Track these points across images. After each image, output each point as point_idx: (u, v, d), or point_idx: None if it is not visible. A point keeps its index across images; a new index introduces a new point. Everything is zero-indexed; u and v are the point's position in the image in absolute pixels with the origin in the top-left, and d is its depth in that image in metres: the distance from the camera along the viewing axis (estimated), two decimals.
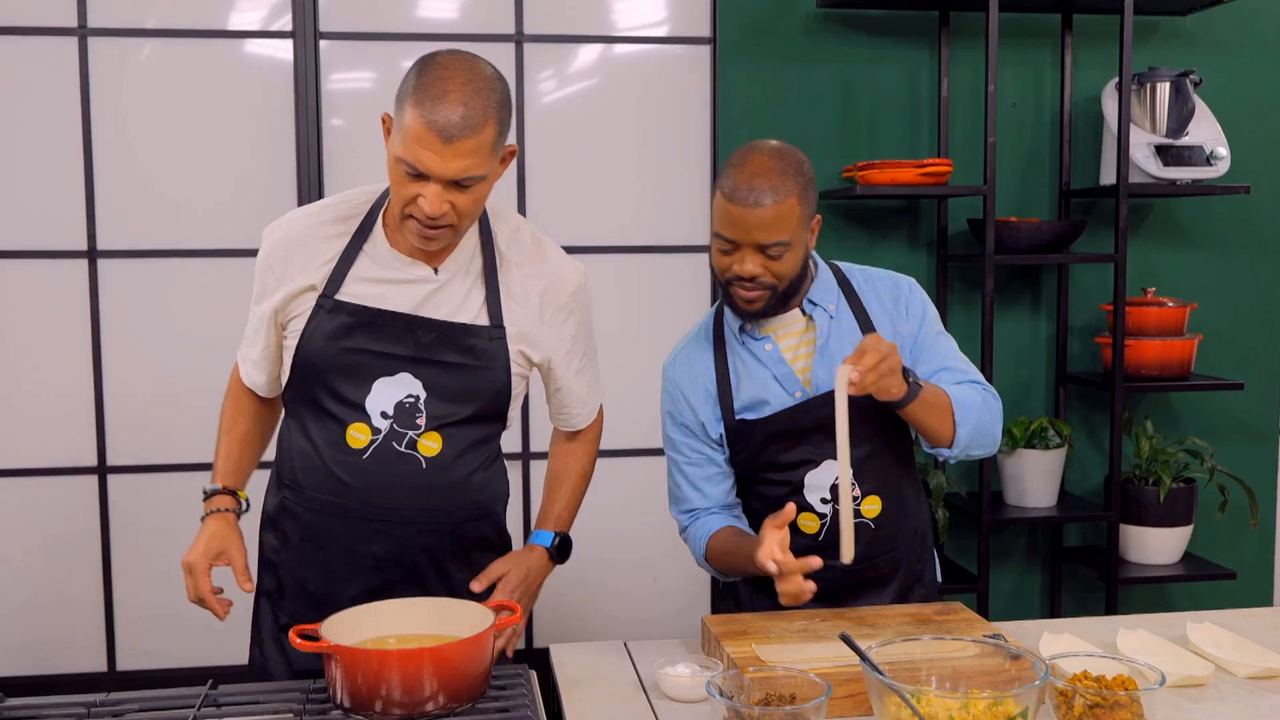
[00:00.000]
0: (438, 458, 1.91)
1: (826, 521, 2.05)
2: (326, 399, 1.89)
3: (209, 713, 1.64)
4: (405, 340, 1.88)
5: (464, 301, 1.92)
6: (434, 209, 1.77)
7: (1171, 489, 3.57)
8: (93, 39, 3.16)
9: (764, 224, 1.90)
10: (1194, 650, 1.91)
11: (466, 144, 1.73)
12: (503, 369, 1.93)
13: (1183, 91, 3.54)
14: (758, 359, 2.07)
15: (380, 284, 1.89)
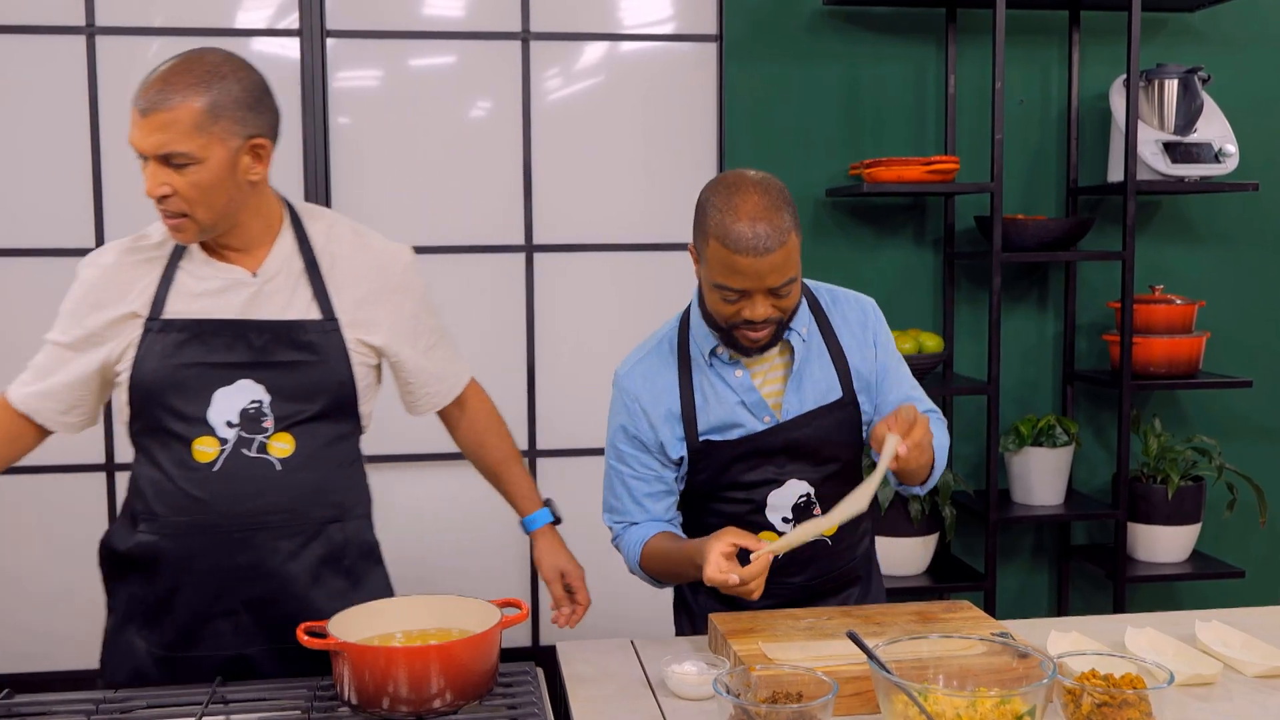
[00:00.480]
0: (292, 458, 1.89)
1: None
2: (167, 419, 1.87)
3: (217, 710, 1.64)
4: (238, 346, 1.87)
5: (290, 300, 1.91)
6: (150, 187, 1.79)
7: (1179, 487, 3.56)
8: (100, 37, 3.16)
9: (775, 268, 1.85)
10: (1202, 649, 1.91)
11: (159, 117, 1.76)
12: (342, 361, 1.92)
13: (1191, 88, 3.53)
14: (727, 384, 2.04)
15: (202, 297, 1.89)
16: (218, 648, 1.91)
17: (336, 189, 3.26)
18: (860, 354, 2.08)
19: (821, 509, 2.05)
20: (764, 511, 2.06)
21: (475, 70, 3.30)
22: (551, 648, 2.07)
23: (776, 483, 2.05)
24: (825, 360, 2.06)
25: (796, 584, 2.12)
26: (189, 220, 1.83)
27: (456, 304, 3.31)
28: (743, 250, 1.83)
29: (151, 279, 1.90)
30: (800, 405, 2.03)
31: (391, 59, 3.28)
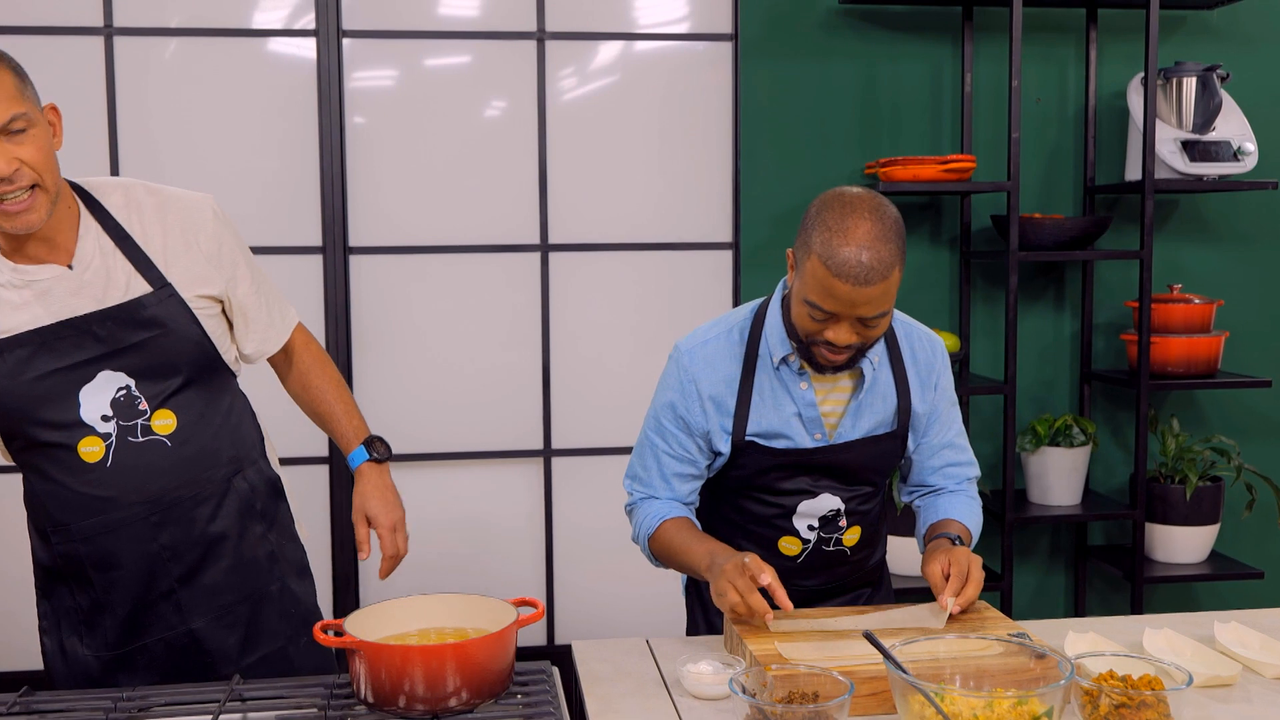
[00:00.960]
0: (178, 431, 1.88)
1: (809, 547, 2.08)
2: (43, 433, 1.83)
3: (234, 707, 1.65)
4: (86, 342, 1.82)
5: (114, 279, 1.86)
6: (2, 167, 1.69)
7: (1197, 487, 3.54)
8: (118, 38, 3.18)
9: (870, 300, 1.81)
10: (1221, 650, 1.90)
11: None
12: (190, 323, 1.89)
13: (1209, 86, 3.51)
14: (789, 393, 2.01)
15: (28, 305, 1.82)
16: (164, 629, 1.92)
17: (352, 188, 3.27)
18: (921, 394, 2.07)
19: (847, 522, 2.07)
20: (791, 518, 2.07)
21: (490, 70, 3.30)
22: (567, 647, 2.07)
23: (810, 494, 2.05)
24: (889, 392, 2.04)
25: (810, 587, 2.13)
26: (40, 192, 1.76)
27: (472, 303, 3.32)
28: (843, 276, 1.78)
29: None
30: (853, 431, 2.03)
31: (407, 59, 3.29)
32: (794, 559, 2.10)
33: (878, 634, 1.65)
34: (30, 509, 1.94)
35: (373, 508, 2.04)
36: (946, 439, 2.14)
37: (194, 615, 1.93)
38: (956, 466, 2.17)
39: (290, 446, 3.35)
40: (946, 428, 2.14)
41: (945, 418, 2.13)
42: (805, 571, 2.11)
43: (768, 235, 3.61)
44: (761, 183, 3.61)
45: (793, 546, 2.09)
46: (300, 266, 3.28)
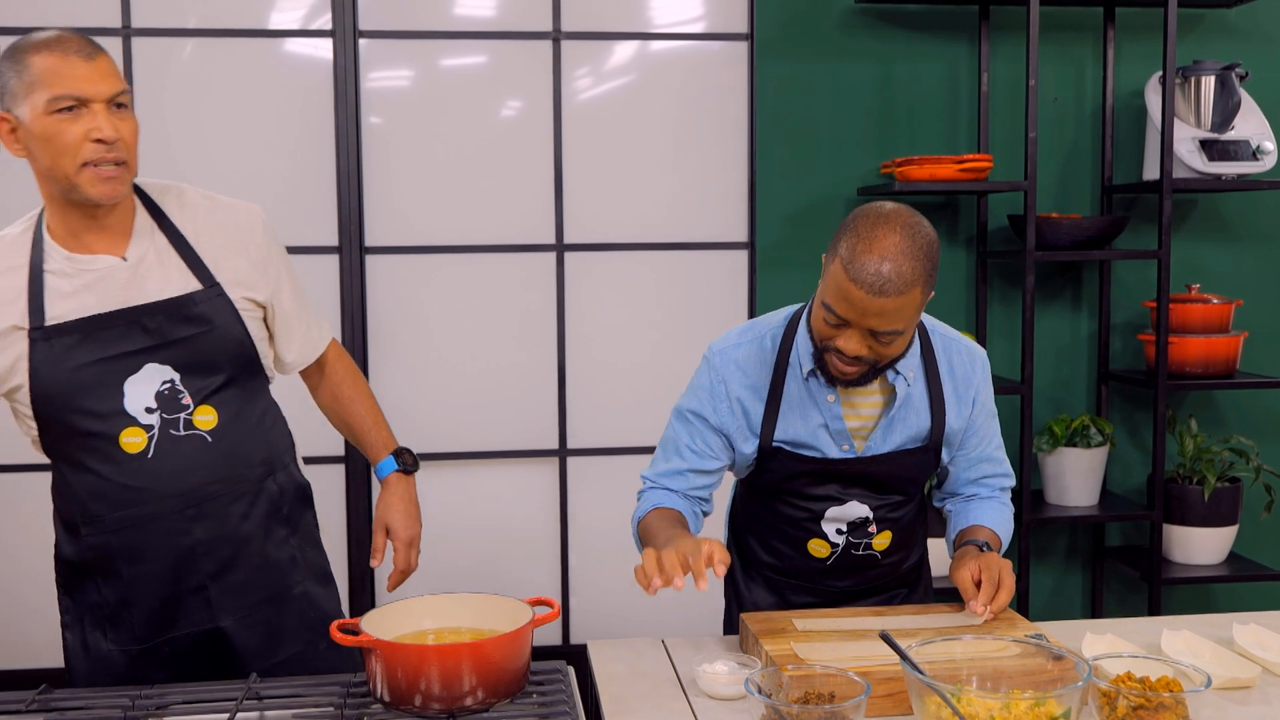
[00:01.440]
0: (218, 428, 1.91)
1: (838, 550, 2.08)
2: (84, 421, 1.85)
3: (251, 705, 1.65)
4: (134, 333, 1.85)
5: (167, 276, 1.90)
6: (109, 130, 1.77)
7: (1216, 488, 3.53)
8: (136, 39, 3.19)
9: (884, 313, 1.78)
10: (1240, 652, 1.89)
11: (105, 61, 1.81)
12: (236, 323, 1.93)
13: (1228, 85, 3.49)
14: (816, 405, 2.00)
15: (79, 293, 1.85)
16: (191, 625, 1.93)
17: (368, 189, 3.27)
18: (957, 410, 2.05)
19: (877, 528, 2.07)
20: (820, 521, 2.06)
21: (506, 70, 3.31)
22: (582, 646, 2.07)
23: (839, 501, 2.05)
24: (923, 407, 2.02)
25: (841, 589, 2.13)
26: (125, 170, 1.83)
27: (487, 303, 3.32)
28: (859, 283, 1.77)
29: (17, 288, 1.85)
30: (884, 445, 2.02)
31: (423, 59, 3.29)
32: (823, 561, 2.09)
33: (894, 635, 1.64)
34: (60, 501, 1.95)
35: (394, 520, 2.08)
36: (985, 452, 2.13)
37: (223, 613, 1.94)
38: (992, 478, 2.17)
39: (307, 446, 3.36)
40: (985, 441, 2.12)
41: (984, 431, 2.11)
42: (835, 574, 2.11)
43: (784, 235, 3.61)
44: (777, 182, 3.60)
45: (822, 549, 2.08)
46: (317, 266, 3.29)
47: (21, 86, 1.78)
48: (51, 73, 1.76)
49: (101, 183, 1.80)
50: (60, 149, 1.78)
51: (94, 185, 1.80)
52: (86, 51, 1.79)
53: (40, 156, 1.80)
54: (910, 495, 2.11)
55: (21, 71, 1.78)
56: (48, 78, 1.76)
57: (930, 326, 2.07)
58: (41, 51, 1.78)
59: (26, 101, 1.78)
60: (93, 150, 1.78)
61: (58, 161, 1.79)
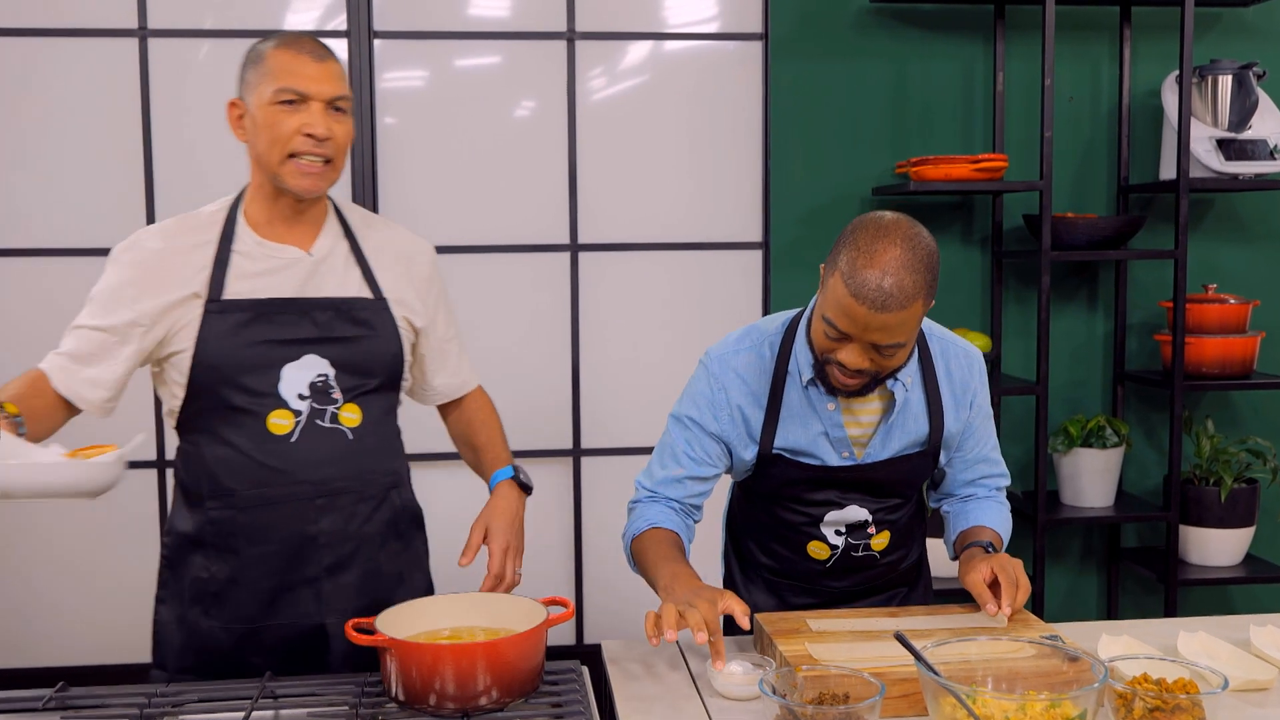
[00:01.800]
0: (360, 428, 1.98)
1: (837, 553, 2.08)
2: (237, 396, 1.92)
3: (267, 704, 1.66)
4: (302, 323, 1.94)
5: (344, 279, 2.00)
6: (321, 128, 1.88)
7: (1233, 489, 3.51)
8: (152, 40, 3.20)
9: (886, 327, 1.77)
10: (1257, 654, 1.88)
11: (335, 65, 1.92)
12: (394, 337, 2.02)
13: (1245, 84, 3.47)
14: (815, 413, 1.99)
15: (261, 276, 1.95)
16: (297, 616, 1.96)
17: (383, 189, 3.28)
18: (955, 413, 2.05)
19: (876, 529, 2.07)
20: (819, 525, 2.07)
21: (521, 70, 3.31)
22: (596, 646, 2.07)
23: (838, 505, 2.05)
24: (921, 412, 2.02)
25: (840, 589, 2.14)
26: (330, 169, 1.94)
27: (501, 303, 3.33)
28: (861, 298, 1.75)
29: (204, 261, 1.94)
30: (883, 451, 2.02)
31: (438, 59, 3.30)
32: (823, 563, 2.10)
33: (909, 636, 1.64)
34: (187, 474, 2.00)
35: (496, 523, 2.07)
36: (981, 453, 2.14)
37: (330, 610, 1.97)
38: (989, 478, 2.18)
39: None
40: (982, 442, 2.13)
41: (980, 432, 2.12)
42: (834, 575, 2.12)
43: (798, 235, 3.60)
44: (791, 182, 3.60)
45: (821, 551, 2.09)
46: None
47: (256, 77, 1.91)
48: (282, 67, 1.88)
49: (303, 176, 1.91)
50: (274, 137, 1.89)
51: (296, 177, 1.91)
52: (318, 54, 1.91)
53: (256, 142, 1.92)
54: (908, 498, 2.12)
55: (258, 64, 1.91)
56: (278, 71, 1.88)
57: (928, 331, 2.05)
58: (279, 48, 1.90)
59: (256, 91, 1.90)
60: (302, 143, 1.88)
61: (269, 149, 1.90)
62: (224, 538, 1.95)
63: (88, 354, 1.94)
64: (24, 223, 3.23)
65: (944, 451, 2.08)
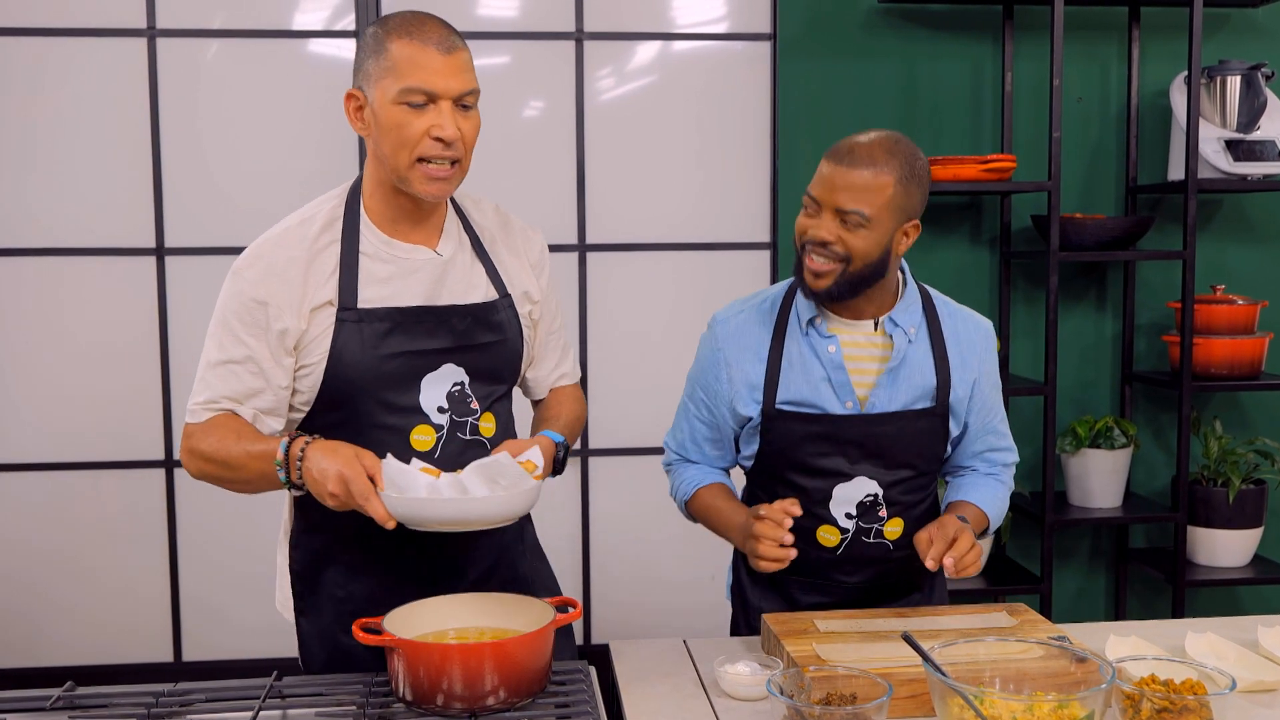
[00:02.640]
0: (495, 436, 1.91)
1: (847, 537, 2.06)
2: (378, 412, 1.82)
3: (274, 704, 1.66)
4: (441, 332, 1.84)
5: (471, 278, 1.90)
6: (450, 130, 1.75)
7: (1241, 490, 3.50)
8: (161, 40, 3.21)
9: (850, 187, 1.87)
10: (1265, 655, 1.87)
11: (462, 55, 1.77)
12: (519, 337, 1.94)
13: (1254, 85, 3.47)
14: (817, 357, 2.01)
15: (392, 280, 1.83)
16: None
17: None
18: (962, 374, 2.04)
19: (888, 512, 2.04)
20: (828, 505, 2.04)
21: (529, 70, 3.31)
22: (604, 646, 2.07)
23: (845, 477, 2.03)
24: (927, 366, 2.02)
25: (853, 584, 2.10)
26: (458, 169, 1.81)
27: None
28: (831, 156, 1.91)
29: (331, 266, 1.82)
30: (889, 403, 2.01)
31: None
32: (833, 550, 2.06)
33: (917, 636, 1.64)
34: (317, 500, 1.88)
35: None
36: (989, 424, 2.13)
37: None
38: (995, 452, 2.16)
39: None
40: (990, 413, 2.12)
41: (988, 402, 2.10)
42: (845, 566, 2.08)
43: None
44: (800, 183, 3.59)
45: (831, 536, 2.06)
46: None
47: (376, 69, 1.76)
48: (408, 62, 1.73)
49: (431, 181, 1.78)
50: (400, 141, 1.76)
51: (424, 183, 1.78)
52: (446, 45, 1.76)
53: (380, 142, 1.78)
54: (918, 472, 2.06)
55: (379, 54, 1.76)
56: (403, 66, 1.73)
57: (935, 294, 2.11)
58: (402, 38, 1.75)
59: (378, 85, 1.76)
60: (430, 147, 1.76)
61: (395, 153, 1.77)
62: (360, 553, 1.88)
63: (249, 389, 1.80)
64: (32, 222, 3.24)
65: (953, 419, 2.06)
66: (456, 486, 1.72)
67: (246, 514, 3.35)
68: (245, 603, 3.36)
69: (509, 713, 1.60)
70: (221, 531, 3.34)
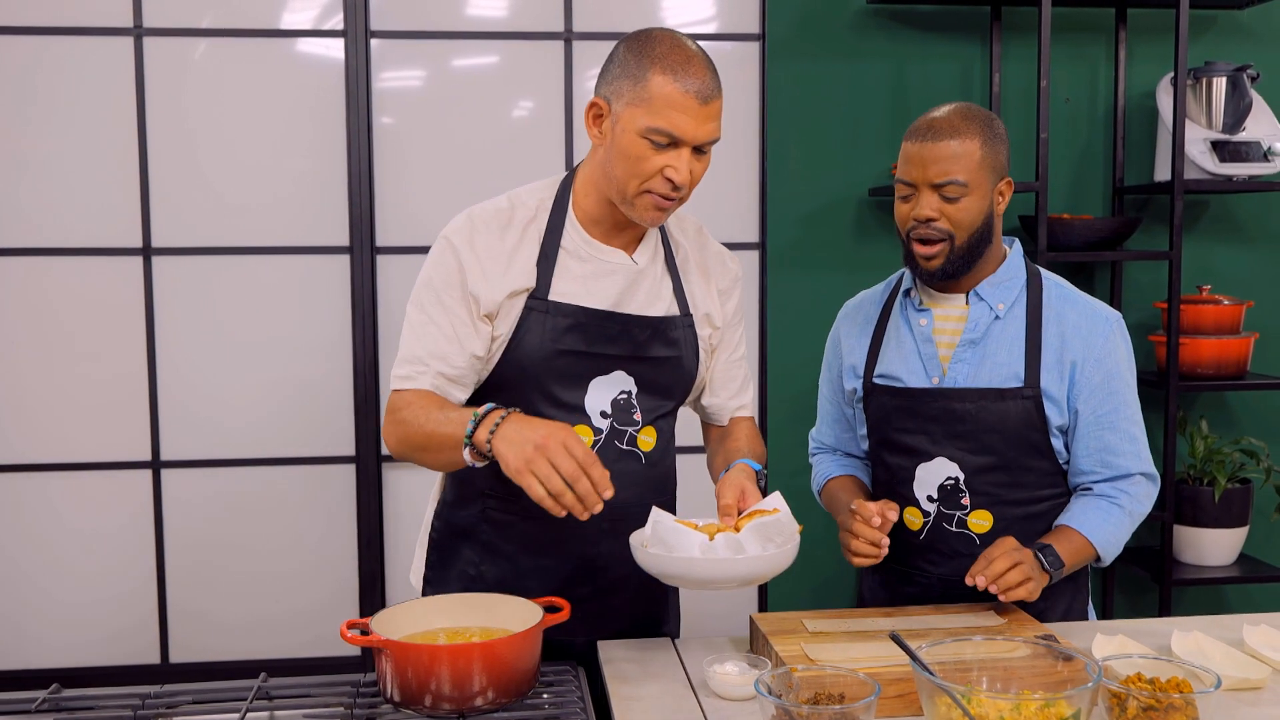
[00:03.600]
0: (653, 451, 1.92)
1: (929, 521, 2.04)
2: (542, 403, 1.85)
3: (261, 705, 1.66)
4: (620, 339, 1.86)
5: (659, 290, 1.92)
6: (684, 176, 1.76)
7: (1227, 489, 3.52)
8: (148, 39, 3.20)
9: (939, 159, 1.90)
10: (1250, 653, 1.88)
11: (716, 105, 1.77)
12: (695, 356, 1.95)
13: (1239, 86, 3.48)
14: (910, 330, 2.04)
15: (585, 279, 1.87)
16: (562, 632, 1.82)
17: (380, 188, 3.28)
18: (1058, 366, 1.97)
19: (970, 501, 2.01)
20: (912, 485, 2.04)
21: (518, 70, 3.31)
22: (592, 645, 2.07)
23: (927, 456, 2.01)
24: (1017, 345, 1.98)
25: (939, 575, 2.05)
26: (679, 202, 1.83)
27: None
28: (913, 136, 1.94)
29: (531, 253, 1.86)
30: (971, 378, 1.98)
31: (435, 59, 3.30)
32: (916, 534, 2.05)
33: (905, 635, 1.64)
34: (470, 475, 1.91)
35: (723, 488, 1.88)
36: (1106, 419, 1.99)
37: (595, 630, 1.94)
38: (1115, 456, 2.01)
39: (318, 446, 3.37)
40: (1105, 405, 1.99)
41: (1101, 391, 1.99)
42: (930, 554, 2.04)
43: (796, 236, 3.60)
44: (789, 183, 3.60)
45: (914, 520, 2.05)
46: (327, 266, 3.30)
47: (631, 92, 1.76)
48: (665, 102, 1.74)
49: (653, 210, 1.81)
50: (633, 170, 1.77)
51: (646, 212, 1.81)
52: (705, 93, 1.75)
53: (614, 162, 1.80)
54: (1002, 457, 1.98)
55: (639, 79, 1.76)
56: (658, 105, 1.74)
57: (1051, 277, 2.06)
58: (666, 74, 1.74)
59: (628, 109, 1.76)
60: (661, 185, 1.78)
61: (626, 179, 1.79)
62: (501, 540, 1.91)
63: (437, 350, 1.83)
64: (18, 221, 3.23)
65: (1052, 406, 1.97)
66: (733, 546, 1.72)
67: (234, 515, 3.34)
68: (232, 604, 3.35)
69: (497, 713, 1.60)
70: (208, 533, 3.34)
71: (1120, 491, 2.03)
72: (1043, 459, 2.01)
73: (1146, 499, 2.05)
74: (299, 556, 3.37)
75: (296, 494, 3.37)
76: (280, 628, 3.38)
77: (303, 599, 3.38)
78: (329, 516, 3.39)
